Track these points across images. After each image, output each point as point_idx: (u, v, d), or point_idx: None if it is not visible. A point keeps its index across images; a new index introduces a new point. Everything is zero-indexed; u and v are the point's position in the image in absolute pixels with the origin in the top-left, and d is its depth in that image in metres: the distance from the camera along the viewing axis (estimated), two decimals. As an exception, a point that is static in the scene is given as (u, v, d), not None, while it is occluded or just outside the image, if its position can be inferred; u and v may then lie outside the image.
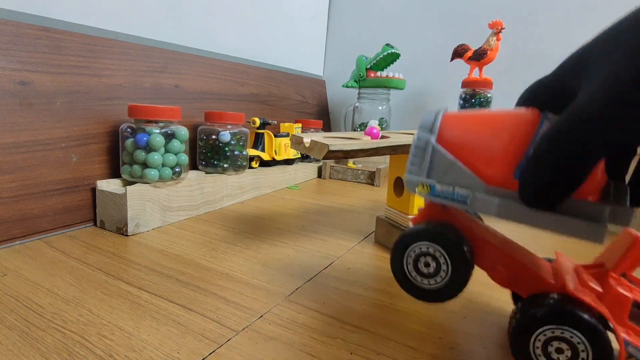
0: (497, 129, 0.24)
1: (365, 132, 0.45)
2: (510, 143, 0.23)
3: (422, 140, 0.25)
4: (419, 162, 0.25)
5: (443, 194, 0.25)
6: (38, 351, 0.26)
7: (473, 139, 0.24)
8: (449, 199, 0.25)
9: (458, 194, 0.24)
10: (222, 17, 0.81)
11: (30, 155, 0.46)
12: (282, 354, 0.27)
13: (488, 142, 0.24)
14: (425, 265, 0.26)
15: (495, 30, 0.84)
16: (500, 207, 0.23)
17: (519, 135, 0.23)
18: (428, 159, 0.25)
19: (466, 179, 0.24)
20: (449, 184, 0.25)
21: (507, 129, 0.23)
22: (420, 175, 0.25)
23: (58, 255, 0.42)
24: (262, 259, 0.44)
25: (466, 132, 0.25)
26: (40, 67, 0.47)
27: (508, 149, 0.23)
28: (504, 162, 0.23)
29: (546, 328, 0.22)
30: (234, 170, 0.66)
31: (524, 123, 0.23)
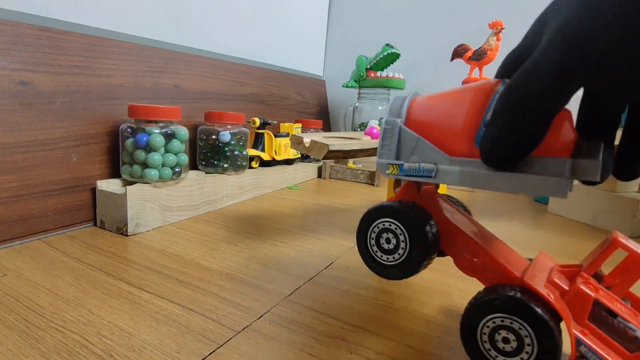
0: (457, 102, 0.24)
1: (365, 132, 0.45)
2: (468, 112, 0.23)
3: (389, 124, 0.27)
4: (388, 145, 0.27)
5: (410, 171, 0.26)
6: (38, 351, 0.26)
7: (436, 116, 0.25)
8: (416, 175, 0.26)
9: (423, 169, 0.25)
10: (222, 17, 0.81)
11: (30, 155, 0.46)
12: (282, 354, 0.27)
13: (449, 115, 0.25)
14: (387, 241, 0.27)
15: (495, 30, 0.84)
16: (462, 175, 0.23)
17: (477, 104, 0.23)
18: (396, 141, 0.26)
19: (431, 154, 0.25)
20: (415, 161, 0.26)
21: (465, 100, 0.24)
22: (389, 157, 0.27)
23: (58, 255, 0.42)
24: (262, 259, 0.44)
25: (430, 110, 0.26)
26: (41, 67, 0.47)
27: (467, 119, 0.23)
28: (464, 131, 0.24)
29: (495, 316, 0.22)
30: (234, 170, 0.66)
31: (481, 91, 0.23)
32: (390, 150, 0.27)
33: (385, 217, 0.27)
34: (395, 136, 0.26)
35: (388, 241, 0.27)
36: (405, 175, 0.26)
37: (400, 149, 0.26)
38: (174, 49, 0.68)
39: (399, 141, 0.26)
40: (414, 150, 0.26)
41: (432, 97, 0.27)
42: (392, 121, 0.27)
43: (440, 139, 0.25)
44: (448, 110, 0.25)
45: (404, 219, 0.26)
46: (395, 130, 0.26)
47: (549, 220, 0.67)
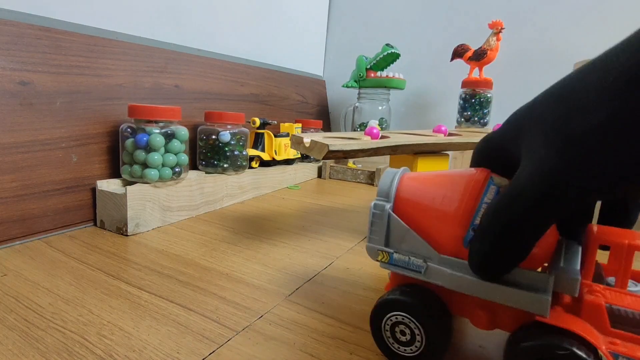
0: (447, 196, 0.24)
1: (365, 132, 0.45)
2: (457, 211, 0.23)
3: (378, 207, 0.26)
4: (378, 230, 0.26)
5: (400, 262, 0.25)
6: (38, 351, 0.26)
7: (425, 207, 0.25)
8: (405, 269, 0.25)
9: (413, 264, 0.25)
10: (222, 17, 0.81)
11: (30, 155, 0.46)
12: (282, 354, 0.27)
13: (438, 210, 0.24)
14: (402, 333, 0.26)
15: (495, 30, 0.84)
16: (451, 279, 0.23)
17: (466, 203, 0.23)
18: (385, 227, 0.26)
19: (420, 248, 0.25)
20: (404, 253, 0.25)
21: (455, 196, 0.24)
22: (379, 243, 0.26)
23: (58, 255, 0.42)
24: (262, 259, 0.44)
25: (418, 199, 0.25)
26: (40, 67, 0.47)
27: (456, 218, 0.23)
28: (453, 230, 0.23)
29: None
30: (234, 170, 0.66)
31: (470, 189, 0.23)
32: (380, 236, 0.26)
33: (395, 311, 0.25)
34: (384, 222, 0.26)
35: (403, 333, 0.25)
36: (395, 265, 0.26)
37: (389, 236, 0.26)
38: (174, 49, 0.68)
39: (388, 229, 0.26)
40: (403, 239, 0.25)
41: (422, 179, 0.26)
42: (380, 206, 0.26)
43: (429, 233, 0.25)
44: (437, 203, 0.24)
45: (413, 313, 0.25)
46: (384, 216, 0.26)
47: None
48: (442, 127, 0.52)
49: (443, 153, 0.50)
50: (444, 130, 0.51)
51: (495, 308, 0.24)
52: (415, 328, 0.25)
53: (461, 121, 0.89)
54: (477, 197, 0.23)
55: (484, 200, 0.23)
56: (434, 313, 0.24)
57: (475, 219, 0.23)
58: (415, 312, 0.25)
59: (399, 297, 0.25)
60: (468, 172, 0.25)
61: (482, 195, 0.23)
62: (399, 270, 0.26)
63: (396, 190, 0.26)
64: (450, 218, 0.24)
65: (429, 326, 0.24)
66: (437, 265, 0.24)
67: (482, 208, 0.23)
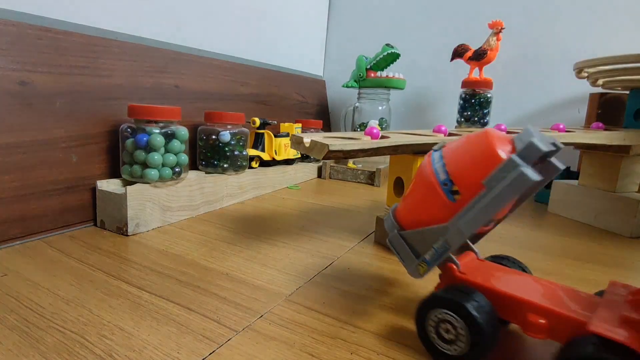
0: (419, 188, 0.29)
1: (365, 132, 0.45)
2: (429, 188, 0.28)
3: (393, 239, 0.31)
4: (404, 253, 0.30)
5: (432, 257, 0.28)
6: (38, 351, 0.26)
7: (418, 210, 0.29)
8: (439, 257, 0.28)
9: (438, 249, 0.28)
10: (222, 17, 0.81)
11: (30, 155, 0.46)
12: (282, 354, 0.27)
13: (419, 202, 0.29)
14: (446, 331, 0.26)
15: (495, 30, 0.84)
16: (465, 227, 0.26)
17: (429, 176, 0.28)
18: (405, 247, 0.30)
19: (433, 233, 0.28)
20: (429, 249, 0.28)
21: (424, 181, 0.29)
22: (413, 262, 0.29)
23: (58, 255, 0.42)
24: (262, 259, 0.44)
25: (413, 210, 0.30)
26: (40, 67, 0.47)
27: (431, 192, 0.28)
28: (436, 199, 0.27)
29: None
30: (234, 170, 0.66)
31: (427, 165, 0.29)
32: (409, 256, 0.30)
33: (438, 308, 0.27)
34: (402, 244, 0.30)
35: (447, 331, 0.26)
36: (433, 263, 0.28)
37: (413, 250, 0.29)
38: (174, 49, 0.68)
39: (408, 246, 0.30)
40: (420, 243, 0.29)
41: (406, 205, 0.31)
42: (393, 236, 0.31)
43: (428, 221, 0.28)
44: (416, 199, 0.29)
45: (458, 311, 0.25)
46: (398, 240, 0.30)
47: (549, 221, 0.67)
48: (442, 127, 0.52)
49: (443, 153, 0.49)
50: (444, 130, 0.51)
51: (551, 316, 0.24)
52: (461, 328, 0.25)
53: (461, 121, 0.89)
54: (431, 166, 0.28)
55: (435, 164, 0.28)
56: (480, 313, 0.25)
57: (439, 176, 0.27)
58: (461, 310, 0.25)
59: (445, 294, 0.26)
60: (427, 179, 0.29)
61: (433, 162, 0.28)
62: (437, 262, 0.28)
63: (394, 217, 0.31)
64: (430, 197, 0.28)
65: (474, 327, 0.25)
66: (452, 231, 0.27)
67: (437, 169, 0.27)
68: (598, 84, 0.71)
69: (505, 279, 0.28)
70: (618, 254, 0.52)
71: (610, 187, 0.63)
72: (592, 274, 0.44)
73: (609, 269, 0.46)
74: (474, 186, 0.25)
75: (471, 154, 0.26)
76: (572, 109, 0.89)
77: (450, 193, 0.27)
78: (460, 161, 0.27)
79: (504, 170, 0.24)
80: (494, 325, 0.25)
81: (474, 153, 0.26)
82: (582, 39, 0.87)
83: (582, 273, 0.45)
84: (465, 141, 0.28)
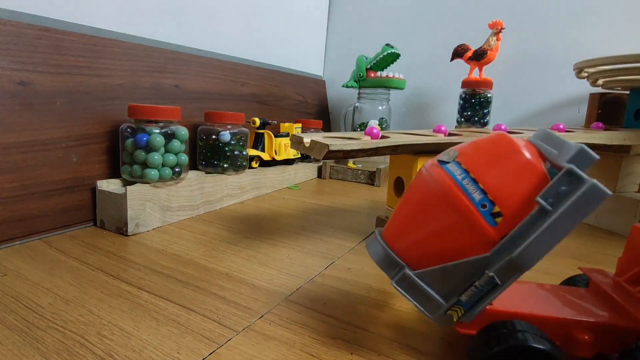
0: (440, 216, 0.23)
1: (365, 132, 0.45)
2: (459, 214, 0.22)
3: (402, 281, 0.24)
4: (424, 297, 0.23)
5: (474, 298, 0.23)
6: (38, 351, 0.26)
7: (439, 241, 0.23)
8: (485, 298, 0.22)
9: (483, 287, 0.22)
10: (222, 17, 0.81)
11: (30, 155, 0.46)
12: (282, 354, 0.27)
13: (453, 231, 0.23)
14: None
15: (495, 30, 0.84)
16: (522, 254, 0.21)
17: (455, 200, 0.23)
18: (425, 288, 0.23)
19: (469, 269, 0.22)
20: (464, 287, 0.23)
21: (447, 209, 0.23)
22: (439, 307, 0.23)
23: (58, 255, 0.42)
24: (262, 259, 0.44)
25: (429, 241, 0.24)
26: (40, 67, 0.47)
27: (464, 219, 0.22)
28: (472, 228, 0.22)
29: None
30: (234, 170, 0.66)
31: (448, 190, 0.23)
32: (432, 299, 0.23)
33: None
34: (419, 285, 0.23)
35: None
36: (476, 305, 0.23)
37: (435, 291, 0.23)
38: (174, 49, 0.68)
39: (429, 287, 0.23)
40: (449, 280, 0.23)
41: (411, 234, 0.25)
42: (402, 279, 0.24)
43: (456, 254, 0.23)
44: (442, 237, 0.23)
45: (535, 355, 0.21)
46: (415, 284, 0.23)
47: (549, 220, 0.67)
48: (442, 127, 0.52)
49: (443, 153, 0.49)
50: (444, 130, 0.51)
51: (598, 330, 0.23)
52: None
53: (461, 121, 0.89)
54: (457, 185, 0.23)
55: (459, 181, 0.23)
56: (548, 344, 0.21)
57: (473, 197, 0.22)
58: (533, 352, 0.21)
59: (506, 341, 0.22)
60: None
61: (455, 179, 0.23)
62: (482, 307, 0.23)
63: (392, 254, 0.25)
64: (462, 224, 0.22)
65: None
66: (497, 264, 0.22)
67: (465, 186, 0.22)
68: (598, 84, 0.71)
69: (524, 297, 0.26)
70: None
71: (610, 187, 0.63)
72: (592, 274, 0.44)
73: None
74: (522, 205, 0.21)
75: (503, 166, 0.22)
76: (572, 109, 0.89)
77: (490, 216, 0.22)
78: (495, 175, 0.22)
79: (565, 183, 0.20)
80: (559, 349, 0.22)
81: (505, 164, 0.22)
82: (582, 39, 0.87)
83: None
84: (486, 149, 0.23)
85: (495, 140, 0.23)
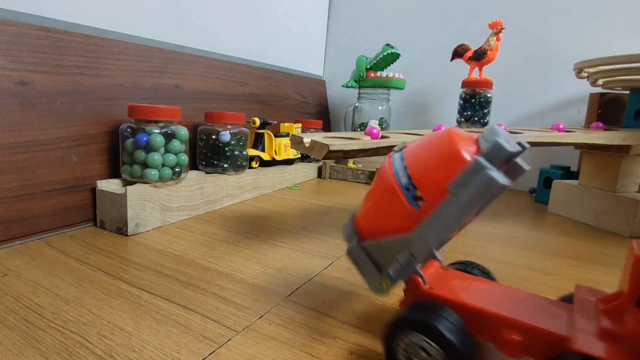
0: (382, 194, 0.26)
1: (365, 132, 0.45)
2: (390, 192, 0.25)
3: (352, 252, 0.28)
4: (365, 268, 0.27)
5: (396, 272, 0.26)
6: (38, 351, 0.26)
7: (378, 218, 0.27)
8: (404, 272, 0.25)
9: (402, 262, 0.25)
10: (223, 17, 0.81)
11: (30, 155, 0.46)
12: (282, 354, 0.27)
13: (387, 210, 0.26)
14: (418, 357, 0.24)
15: (495, 30, 0.84)
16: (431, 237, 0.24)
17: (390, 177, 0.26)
18: (367, 260, 0.27)
19: (396, 244, 0.25)
20: (392, 262, 0.26)
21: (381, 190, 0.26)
22: (375, 277, 0.27)
23: (58, 255, 0.42)
24: (262, 259, 0.44)
25: (372, 218, 0.27)
26: (40, 67, 0.47)
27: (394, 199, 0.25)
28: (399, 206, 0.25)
29: None
30: (234, 170, 0.66)
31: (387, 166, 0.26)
32: (371, 271, 0.27)
33: (408, 331, 0.24)
34: (363, 257, 0.27)
35: (419, 355, 0.24)
36: (397, 277, 0.26)
37: (375, 264, 0.27)
38: (174, 49, 0.68)
39: (369, 259, 0.27)
40: (382, 255, 0.26)
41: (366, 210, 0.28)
42: (352, 249, 0.28)
43: (390, 231, 0.25)
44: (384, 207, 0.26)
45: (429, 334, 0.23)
46: (359, 252, 0.27)
47: (549, 221, 0.67)
48: (442, 127, 0.51)
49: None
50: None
51: (528, 331, 0.23)
52: (436, 352, 0.23)
53: (461, 121, 0.89)
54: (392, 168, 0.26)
55: (396, 166, 0.25)
56: (455, 334, 0.23)
57: (400, 180, 0.25)
58: (434, 333, 0.23)
59: (413, 314, 0.24)
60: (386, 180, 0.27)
61: (393, 164, 0.26)
62: (404, 277, 0.26)
63: (353, 227, 0.28)
64: (392, 203, 0.25)
65: (451, 351, 0.22)
66: (416, 241, 0.24)
67: (398, 171, 0.25)
68: (598, 84, 0.71)
69: (474, 291, 0.27)
70: (618, 254, 0.52)
71: (610, 187, 0.63)
72: (592, 274, 0.44)
73: (609, 269, 0.46)
74: (438, 191, 0.23)
75: (433, 155, 0.24)
76: (572, 109, 0.89)
77: (413, 199, 0.24)
78: (422, 163, 0.24)
79: (469, 173, 0.22)
80: (472, 345, 0.23)
81: (436, 154, 0.24)
82: (582, 39, 0.87)
83: (582, 273, 0.45)
84: (427, 141, 0.25)
85: (440, 132, 0.25)
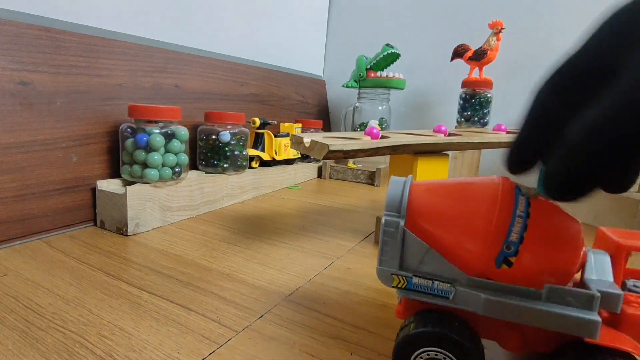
0: (471, 210, 0.22)
1: (365, 132, 0.45)
2: (488, 226, 0.21)
3: (390, 224, 0.23)
4: (390, 251, 0.23)
5: (421, 287, 0.22)
6: (38, 351, 0.26)
7: (446, 223, 0.22)
8: (428, 294, 0.22)
9: (438, 289, 0.22)
10: (223, 17, 0.81)
11: (30, 155, 0.46)
12: (282, 354, 0.27)
13: (463, 226, 0.22)
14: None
15: (495, 30, 0.84)
16: (486, 304, 0.21)
17: (497, 218, 0.21)
18: (399, 247, 0.22)
19: (445, 270, 0.22)
20: (427, 277, 0.22)
21: (481, 209, 0.21)
22: (392, 266, 0.23)
23: (58, 255, 0.42)
24: (262, 259, 0.44)
25: (437, 213, 0.22)
26: (40, 67, 0.47)
27: (487, 234, 0.21)
28: (483, 248, 0.21)
29: None
30: (234, 170, 0.66)
31: (500, 203, 0.21)
32: (393, 257, 0.23)
33: (426, 347, 0.22)
34: (398, 242, 0.22)
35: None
36: (415, 291, 0.22)
37: (404, 257, 0.23)
38: (174, 49, 0.68)
39: (403, 248, 0.23)
40: (422, 260, 0.22)
41: (437, 190, 0.23)
42: (393, 222, 0.23)
43: (452, 251, 0.22)
44: (461, 217, 0.22)
45: (449, 347, 0.21)
46: (398, 234, 0.22)
47: (549, 220, 0.67)
48: (442, 127, 0.52)
49: (443, 153, 0.50)
50: (444, 130, 0.52)
51: (526, 328, 0.22)
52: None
53: (461, 121, 0.89)
54: (509, 211, 0.21)
55: (516, 214, 0.21)
56: (471, 345, 0.21)
57: (510, 235, 0.20)
58: (453, 346, 0.21)
59: (432, 329, 0.21)
60: (490, 182, 0.22)
61: (514, 208, 0.21)
62: (420, 296, 0.23)
63: (407, 202, 0.23)
64: (481, 235, 0.21)
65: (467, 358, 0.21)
66: (466, 289, 0.21)
67: (515, 222, 0.20)
68: (598, 84, 0.71)
69: None
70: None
71: (610, 187, 0.63)
72: (592, 274, 0.44)
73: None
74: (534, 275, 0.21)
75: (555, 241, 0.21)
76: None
77: (503, 257, 0.21)
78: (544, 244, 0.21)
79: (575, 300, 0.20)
80: (482, 351, 0.22)
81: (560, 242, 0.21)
82: (582, 39, 0.87)
83: (582, 273, 0.45)
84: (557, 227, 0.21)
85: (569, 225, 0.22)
